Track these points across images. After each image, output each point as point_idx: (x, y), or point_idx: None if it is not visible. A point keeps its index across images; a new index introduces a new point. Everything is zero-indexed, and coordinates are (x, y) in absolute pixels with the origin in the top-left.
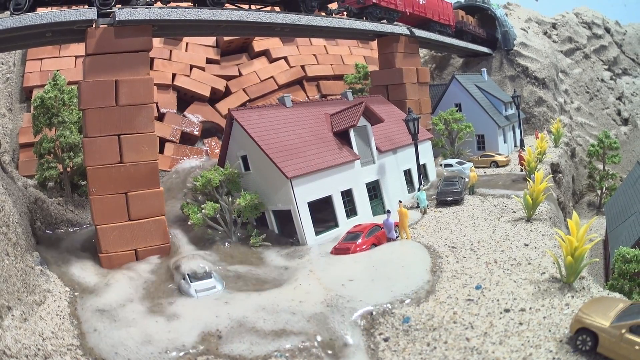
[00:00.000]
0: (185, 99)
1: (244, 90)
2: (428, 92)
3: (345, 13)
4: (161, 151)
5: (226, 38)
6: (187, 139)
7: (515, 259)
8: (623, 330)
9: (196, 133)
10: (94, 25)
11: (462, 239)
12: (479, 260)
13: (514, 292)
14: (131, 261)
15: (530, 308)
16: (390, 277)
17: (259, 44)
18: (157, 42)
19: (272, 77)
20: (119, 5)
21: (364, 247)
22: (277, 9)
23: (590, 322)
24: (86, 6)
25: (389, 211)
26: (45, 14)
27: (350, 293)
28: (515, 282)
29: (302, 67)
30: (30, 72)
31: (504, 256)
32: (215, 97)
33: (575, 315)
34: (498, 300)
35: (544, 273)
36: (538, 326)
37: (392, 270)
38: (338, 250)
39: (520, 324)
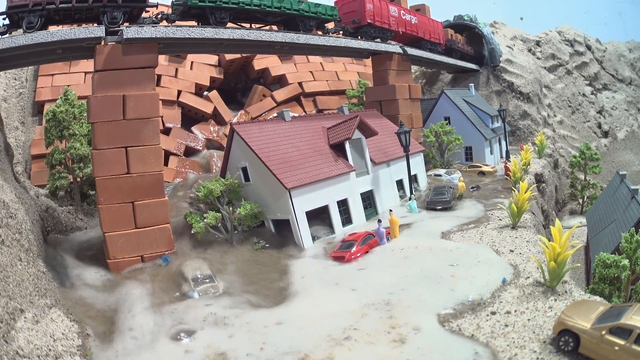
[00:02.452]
0: (190, 115)
1: (245, 111)
2: (419, 107)
3: (341, 32)
4: (165, 163)
5: (228, 57)
6: (191, 153)
7: None
8: (603, 332)
9: (199, 148)
10: (102, 43)
11: None
12: None
13: (500, 296)
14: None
15: (515, 311)
16: None
17: (259, 62)
18: (163, 59)
19: (271, 95)
20: (127, 24)
21: (358, 255)
22: (276, 28)
23: (573, 324)
24: (95, 24)
25: (379, 220)
26: (56, 32)
27: None
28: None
29: (300, 83)
30: (42, 87)
31: None
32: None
33: (558, 317)
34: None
35: (529, 278)
36: (523, 328)
37: None
38: (334, 259)
39: (506, 325)
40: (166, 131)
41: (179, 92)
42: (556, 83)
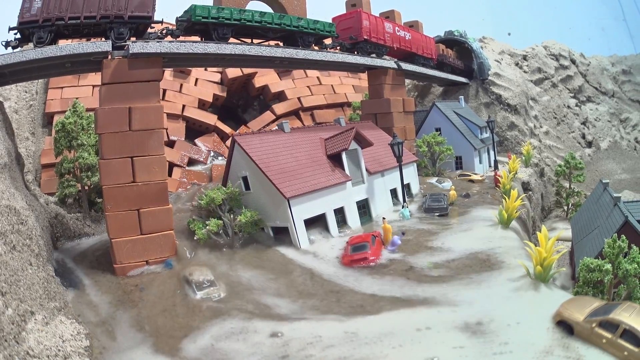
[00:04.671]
0: (194, 128)
1: (246, 125)
2: (413, 120)
3: (338, 48)
4: (169, 174)
5: (230, 76)
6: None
7: None
8: (593, 325)
9: (202, 160)
10: (109, 57)
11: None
12: None
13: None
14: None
15: None
16: None
17: (259, 80)
18: (168, 75)
19: (271, 108)
20: (133, 39)
21: (378, 254)
22: (273, 43)
23: (568, 316)
24: (102, 39)
25: (403, 233)
26: (65, 46)
27: None
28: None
29: (299, 99)
30: (52, 100)
31: None
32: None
33: (557, 309)
34: None
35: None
36: None
37: None
38: (354, 262)
39: None
40: (170, 144)
41: (183, 107)
42: (542, 95)
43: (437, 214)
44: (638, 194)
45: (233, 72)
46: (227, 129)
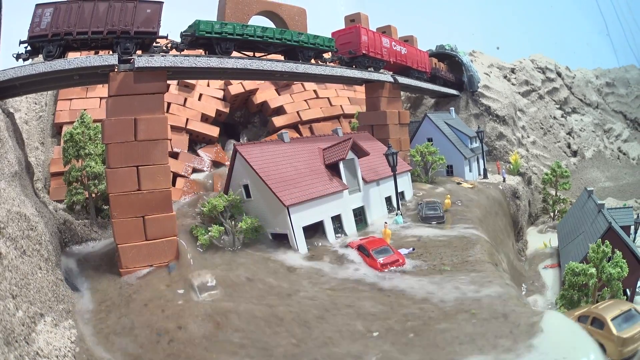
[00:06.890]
0: (197, 140)
1: (247, 138)
2: (408, 131)
3: (337, 61)
4: (173, 184)
5: (233, 92)
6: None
7: None
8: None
9: (205, 170)
10: (115, 70)
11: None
12: None
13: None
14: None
15: None
16: None
17: (258, 96)
18: (173, 89)
19: (271, 121)
20: (139, 53)
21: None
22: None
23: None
24: (110, 52)
25: (413, 249)
26: (73, 60)
27: None
28: None
29: (297, 112)
30: (61, 111)
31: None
32: None
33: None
34: None
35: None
36: None
37: None
38: (385, 265)
39: None
40: (174, 155)
41: (187, 120)
42: (529, 107)
43: (435, 222)
44: (621, 201)
45: (236, 89)
46: None
